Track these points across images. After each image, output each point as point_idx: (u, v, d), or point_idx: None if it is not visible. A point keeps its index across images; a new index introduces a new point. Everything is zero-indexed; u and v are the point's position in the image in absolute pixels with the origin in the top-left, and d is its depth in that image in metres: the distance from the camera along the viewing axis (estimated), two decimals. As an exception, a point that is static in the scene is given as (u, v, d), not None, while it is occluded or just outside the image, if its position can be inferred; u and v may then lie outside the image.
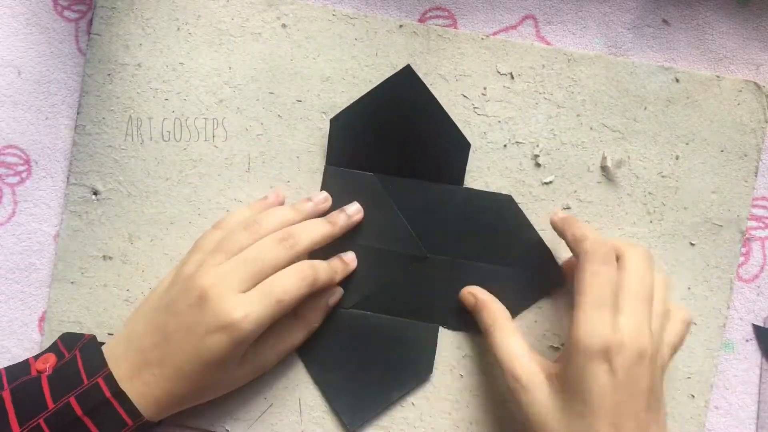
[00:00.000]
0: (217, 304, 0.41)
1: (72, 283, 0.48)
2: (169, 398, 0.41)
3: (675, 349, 0.42)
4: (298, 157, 0.48)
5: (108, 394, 0.40)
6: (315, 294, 0.45)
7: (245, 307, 0.41)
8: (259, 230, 0.43)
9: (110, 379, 0.41)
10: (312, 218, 0.46)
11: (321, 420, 0.47)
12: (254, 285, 0.42)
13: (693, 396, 0.47)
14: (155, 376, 0.41)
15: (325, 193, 0.47)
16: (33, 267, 0.49)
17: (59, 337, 0.46)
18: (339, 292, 0.47)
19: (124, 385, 0.41)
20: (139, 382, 0.41)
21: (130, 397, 0.40)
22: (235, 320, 0.40)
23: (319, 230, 0.45)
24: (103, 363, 0.41)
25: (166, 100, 0.48)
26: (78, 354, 0.42)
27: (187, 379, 0.41)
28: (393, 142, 0.47)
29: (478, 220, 0.47)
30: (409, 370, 0.47)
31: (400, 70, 0.47)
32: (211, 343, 0.40)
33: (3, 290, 0.49)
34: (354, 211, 0.47)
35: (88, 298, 0.48)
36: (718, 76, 0.47)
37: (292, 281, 0.42)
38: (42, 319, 0.49)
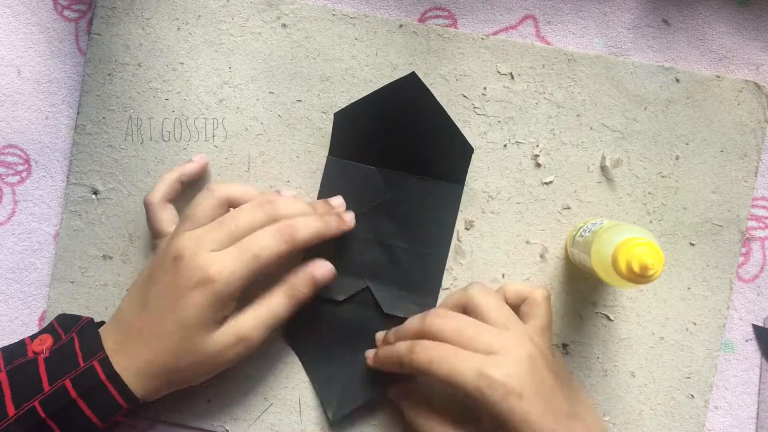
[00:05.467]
0: (191, 261, 0.41)
1: (72, 282, 0.48)
2: (151, 368, 0.41)
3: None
4: (298, 156, 0.48)
5: (103, 376, 0.40)
6: (302, 263, 0.44)
7: (220, 261, 0.40)
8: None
9: (105, 362, 0.41)
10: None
11: (321, 420, 0.47)
12: (230, 245, 0.41)
13: (693, 396, 0.47)
14: (136, 347, 0.41)
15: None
16: (33, 267, 0.49)
17: (56, 318, 0.45)
18: (326, 266, 0.44)
19: (111, 360, 0.41)
20: (122, 354, 0.41)
21: (117, 371, 0.41)
22: (210, 275, 0.40)
23: (301, 206, 0.44)
24: (99, 346, 0.41)
25: (166, 99, 0.48)
26: (75, 336, 0.42)
27: (167, 346, 0.41)
28: (396, 139, 0.47)
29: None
30: None
31: (405, 77, 0.46)
32: (188, 302, 0.40)
33: (3, 290, 0.49)
34: (338, 204, 0.46)
35: (88, 298, 0.48)
36: (718, 76, 0.47)
37: (269, 235, 0.41)
38: (42, 319, 0.49)
